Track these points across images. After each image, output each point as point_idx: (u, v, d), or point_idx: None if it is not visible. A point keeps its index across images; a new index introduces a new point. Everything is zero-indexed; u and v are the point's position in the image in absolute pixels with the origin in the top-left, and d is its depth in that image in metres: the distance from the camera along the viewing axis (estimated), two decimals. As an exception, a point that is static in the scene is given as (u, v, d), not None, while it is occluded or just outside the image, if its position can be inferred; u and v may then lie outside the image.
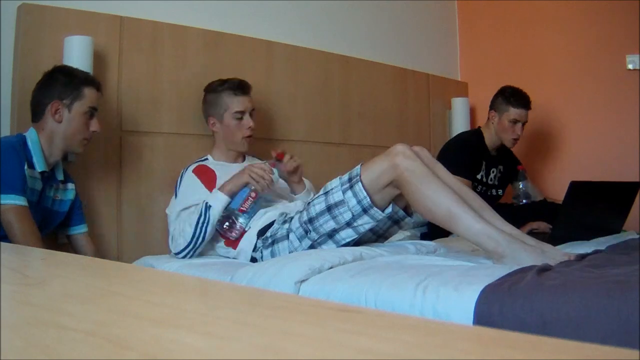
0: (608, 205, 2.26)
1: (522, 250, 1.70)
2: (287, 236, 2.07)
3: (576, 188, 2.11)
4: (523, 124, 3.00)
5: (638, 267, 1.43)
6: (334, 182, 2.02)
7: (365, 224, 1.96)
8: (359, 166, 1.98)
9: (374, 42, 3.42)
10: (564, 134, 3.53)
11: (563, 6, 3.52)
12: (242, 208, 2.17)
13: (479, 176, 2.99)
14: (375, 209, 1.92)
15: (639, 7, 3.18)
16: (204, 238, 2.15)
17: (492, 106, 3.06)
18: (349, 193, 1.94)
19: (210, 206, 2.14)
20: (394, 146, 1.91)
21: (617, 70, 3.31)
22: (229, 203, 2.17)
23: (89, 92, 1.95)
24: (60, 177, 2.00)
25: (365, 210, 1.93)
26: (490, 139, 3.04)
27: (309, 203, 2.06)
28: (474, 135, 3.07)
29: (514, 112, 2.96)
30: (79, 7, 2.25)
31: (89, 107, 1.95)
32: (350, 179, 1.96)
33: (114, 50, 2.34)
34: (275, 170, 2.23)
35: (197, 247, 2.16)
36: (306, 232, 2.02)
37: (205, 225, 2.14)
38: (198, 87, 2.56)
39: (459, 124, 3.64)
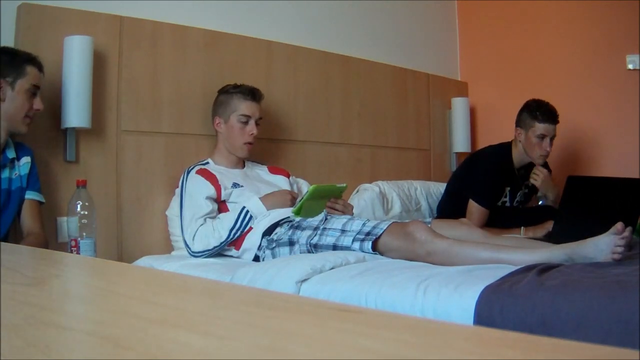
0: (612, 203, 2.23)
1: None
2: (290, 243, 2.10)
3: (574, 183, 2.10)
4: (551, 139, 2.82)
5: (638, 267, 1.44)
6: (355, 225, 2.04)
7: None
8: (384, 225, 1.99)
9: (374, 42, 3.41)
10: (563, 134, 3.53)
11: (563, 6, 3.52)
12: None
13: (500, 203, 2.90)
14: (372, 254, 1.96)
15: (639, 7, 3.17)
16: (232, 240, 2.21)
17: (518, 123, 2.88)
18: (357, 244, 1.98)
19: (250, 216, 2.20)
20: (411, 229, 1.94)
21: (617, 70, 3.31)
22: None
23: (31, 70, 1.93)
24: (12, 154, 1.95)
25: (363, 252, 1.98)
26: (518, 156, 2.89)
27: (324, 228, 2.08)
28: (501, 154, 2.90)
29: (540, 127, 2.78)
30: (79, 7, 2.25)
31: (32, 84, 1.92)
32: (368, 234, 1.99)
33: (114, 50, 2.34)
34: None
35: (223, 247, 2.23)
36: (309, 251, 2.06)
37: (241, 230, 2.19)
38: (198, 87, 2.56)
39: (459, 124, 3.64)
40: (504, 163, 2.88)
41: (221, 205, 2.30)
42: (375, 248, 1.96)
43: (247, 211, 2.22)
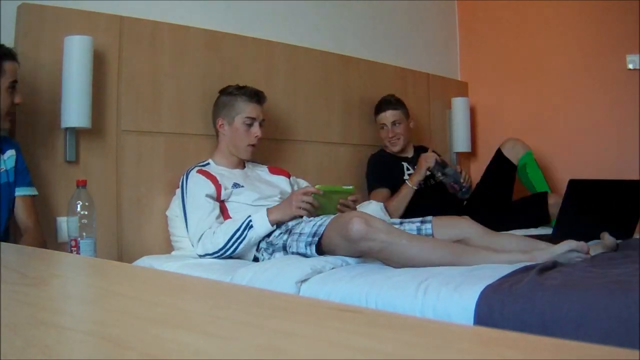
0: (613, 206, 2.23)
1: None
2: (284, 248, 2.08)
3: (575, 186, 2.09)
4: (394, 123, 3.09)
5: (638, 267, 1.43)
6: (308, 227, 2.00)
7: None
8: (328, 221, 1.95)
9: (374, 42, 3.42)
10: (563, 133, 3.53)
11: (563, 6, 3.52)
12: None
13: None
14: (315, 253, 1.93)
15: (639, 7, 3.17)
16: (233, 251, 2.14)
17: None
18: (312, 248, 1.94)
19: (252, 227, 2.12)
20: (349, 226, 1.81)
21: (617, 70, 3.31)
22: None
23: (9, 67, 1.86)
24: None
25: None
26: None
27: (300, 234, 2.03)
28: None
29: (379, 117, 3.12)
30: (79, 7, 2.26)
31: (11, 81, 1.86)
32: (314, 235, 1.95)
33: (114, 50, 2.34)
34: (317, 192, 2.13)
35: (225, 256, 2.16)
36: (305, 255, 2.01)
37: (239, 241, 2.12)
38: (198, 87, 2.56)
39: (459, 124, 3.64)
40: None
41: (220, 205, 2.29)
42: (321, 250, 1.92)
43: (250, 222, 2.12)
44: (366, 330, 0.46)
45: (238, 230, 2.13)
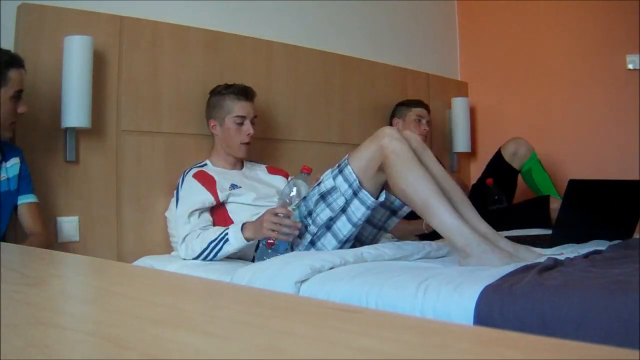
0: (613, 206, 2.23)
1: (489, 252, 1.69)
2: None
3: (575, 187, 2.09)
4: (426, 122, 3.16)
5: (638, 267, 1.43)
6: (326, 173, 2.03)
7: (357, 210, 1.94)
8: (347, 155, 2.00)
9: (374, 42, 3.42)
10: (563, 133, 3.53)
11: (563, 6, 3.52)
12: (268, 242, 2.02)
13: None
14: (364, 191, 1.92)
15: (639, 7, 3.18)
16: (210, 259, 2.10)
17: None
18: (340, 178, 1.94)
19: (227, 240, 2.05)
20: (382, 128, 1.94)
21: (617, 70, 3.31)
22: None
23: (14, 75, 1.81)
24: None
25: (355, 193, 1.92)
26: None
27: (304, 198, 2.04)
28: None
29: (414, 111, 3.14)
30: (79, 7, 2.26)
31: (16, 90, 1.82)
32: (339, 165, 1.98)
33: (114, 50, 2.34)
34: (295, 209, 1.98)
35: (204, 260, 2.13)
36: (305, 226, 2.00)
37: (215, 251, 2.07)
38: (198, 87, 2.56)
39: (459, 124, 3.64)
40: None
41: (221, 208, 2.28)
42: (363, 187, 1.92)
43: (227, 235, 2.05)
44: (366, 330, 0.46)
45: (214, 241, 2.08)
